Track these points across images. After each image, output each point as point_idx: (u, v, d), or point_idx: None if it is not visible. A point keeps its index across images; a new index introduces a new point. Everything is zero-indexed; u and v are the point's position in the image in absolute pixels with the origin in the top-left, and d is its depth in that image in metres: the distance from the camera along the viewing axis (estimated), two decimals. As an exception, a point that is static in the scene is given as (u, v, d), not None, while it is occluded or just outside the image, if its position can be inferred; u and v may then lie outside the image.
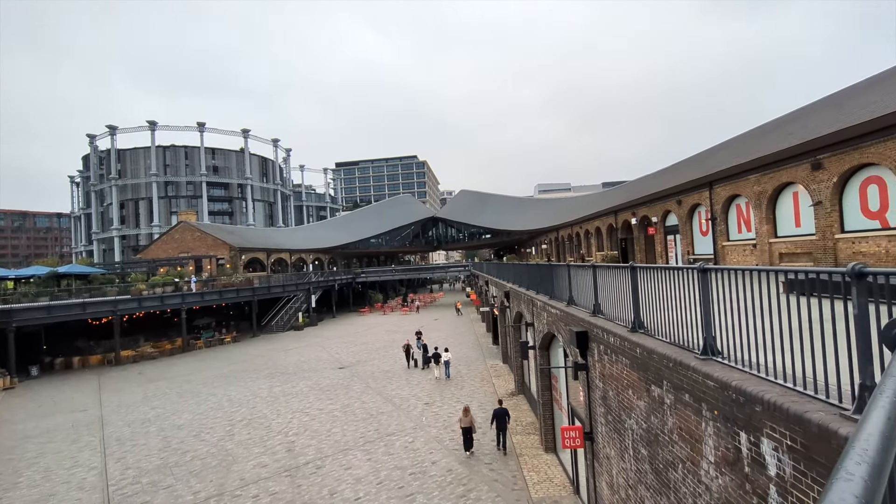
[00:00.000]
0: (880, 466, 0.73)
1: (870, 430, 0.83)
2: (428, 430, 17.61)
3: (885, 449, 0.78)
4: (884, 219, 11.30)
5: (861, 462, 0.72)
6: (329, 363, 31.35)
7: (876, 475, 0.70)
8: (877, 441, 0.79)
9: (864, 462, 0.72)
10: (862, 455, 0.74)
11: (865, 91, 13.73)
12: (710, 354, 4.99)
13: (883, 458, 0.76)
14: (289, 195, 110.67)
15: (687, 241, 20.35)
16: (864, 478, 0.67)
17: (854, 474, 0.68)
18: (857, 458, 0.73)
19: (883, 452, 0.76)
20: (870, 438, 0.79)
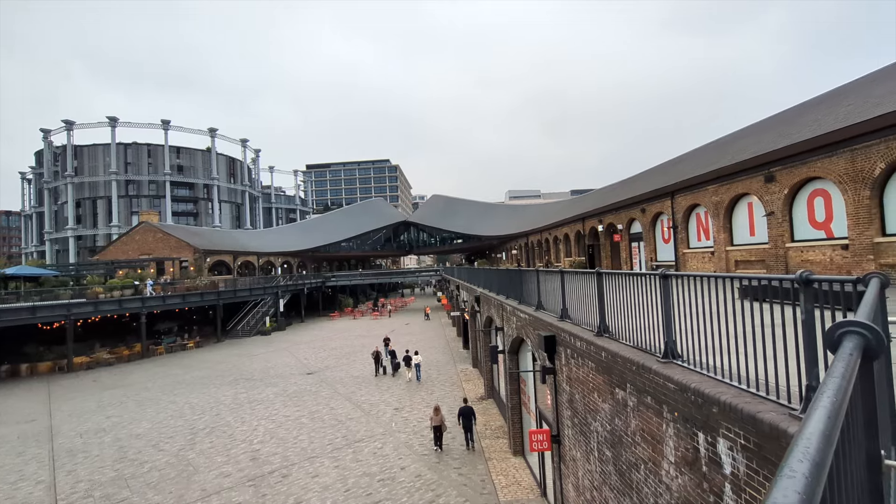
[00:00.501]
0: (821, 463, 0.77)
1: (811, 429, 0.87)
2: (397, 436, 17.45)
3: (826, 447, 0.83)
4: (829, 229, 12.06)
5: (803, 460, 0.76)
6: (297, 369, 30.63)
7: (817, 472, 0.74)
8: (818, 439, 0.83)
9: (806, 459, 0.76)
10: (804, 453, 0.78)
11: (814, 109, 14.65)
12: (671, 358, 5.16)
13: (823, 456, 0.80)
14: (257, 197, 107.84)
15: (650, 248, 21.09)
16: (806, 474, 0.71)
17: (797, 471, 0.71)
18: (799, 456, 0.76)
19: (823, 450, 0.81)
20: (811, 437, 0.84)
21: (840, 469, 1.34)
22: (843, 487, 1.31)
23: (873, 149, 10.76)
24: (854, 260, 11.36)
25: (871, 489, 1.57)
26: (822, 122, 12.44)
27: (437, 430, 15.85)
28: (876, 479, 1.61)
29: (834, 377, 1.19)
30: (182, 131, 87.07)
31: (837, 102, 13.32)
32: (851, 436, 1.45)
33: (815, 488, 0.69)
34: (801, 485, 0.68)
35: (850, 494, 1.37)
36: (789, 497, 0.64)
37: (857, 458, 1.52)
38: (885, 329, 3.31)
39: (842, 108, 12.45)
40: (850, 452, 1.48)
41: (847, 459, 1.44)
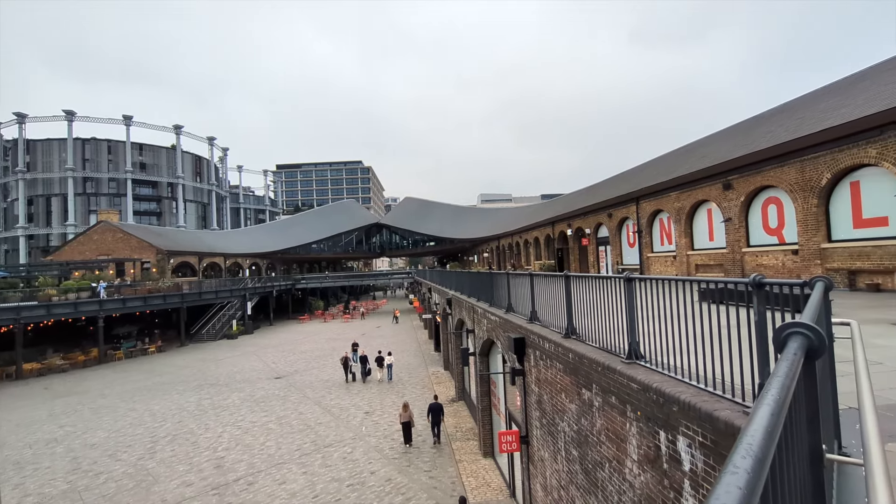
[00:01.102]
0: (763, 459, 0.80)
1: (756, 426, 0.92)
2: (368, 440, 17.24)
3: (768, 443, 0.87)
4: (781, 235, 12.74)
5: (746, 456, 0.79)
6: (264, 373, 29.83)
7: (758, 467, 0.77)
8: (761, 436, 0.87)
9: (749, 456, 0.79)
10: (747, 449, 0.81)
11: (767, 120, 15.47)
12: (635, 358, 5.31)
13: (765, 451, 0.84)
14: (225, 196, 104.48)
15: (616, 252, 21.70)
16: (748, 470, 0.74)
17: (739, 467, 0.74)
18: (743, 453, 0.80)
19: (765, 446, 0.85)
20: (755, 434, 0.88)
21: (784, 463, 1.41)
22: (788, 480, 1.39)
23: (820, 160, 11.45)
24: (803, 264, 12.05)
25: (813, 482, 1.66)
26: (775, 133, 13.15)
27: (407, 427, 16.35)
28: (818, 472, 1.70)
29: (778, 376, 1.25)
30: (145, 127, 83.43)
31: (789, 115, 14.11)
32: (795, 431, 1.53)
33: (756, 483, 0.73)
34: (742, 480, 0.71)
35: (793, 487, 1.44)
36: (731, 493, 0.67)
37: (801, 453, 1.60)
38: (828, 330, 3.53)
39: (792, 121, 13.20)
40: (793, 447, 1.56)
41: (791, 453, 1.52)
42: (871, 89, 12.03)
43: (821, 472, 1.73)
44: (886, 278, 10.71)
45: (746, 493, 0.68)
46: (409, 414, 16.47)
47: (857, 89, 12.71)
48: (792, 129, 12.48)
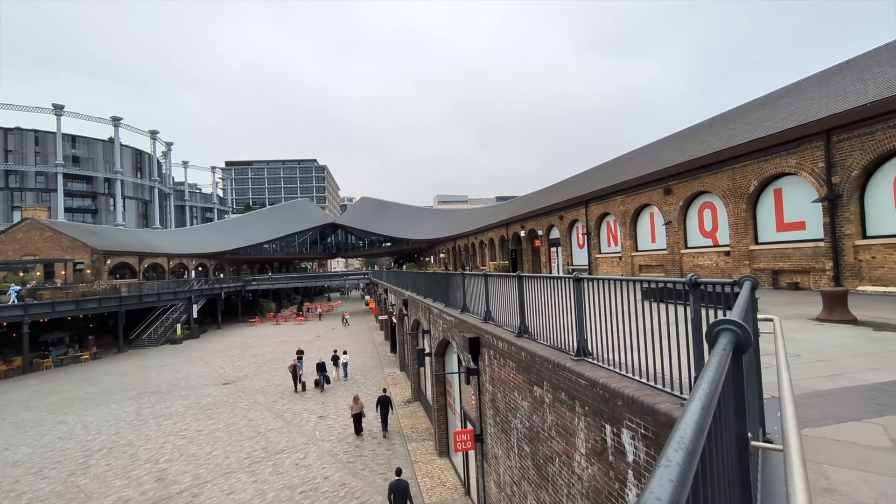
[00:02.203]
0: (693, 451, 0.85)
1: (687, 419, 0.97)
2: (321, 445, 16.81)
3: (698, 435, 0.92)
4: (715, 237, 13.69)
5: (679, 449, 0.83)
6: (211, 379, 28.33)
7: (689, 459, 0.82)
8: (692, 429, 0.92)
9: (681, 449, 0.83)
10: (679, 442, 0.85)
11: (704, 130, 16.58)
12: (583, 356, 5.51)
13: (696, 444, 0.88)
14: (168, 193, 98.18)
15: (567, 253, 22.47)
16: (680, 463, 0.78)
17: (672, 460, 0.78)
18: (675, 446, 0.84)
19: (696, 439, 0.89)
20: (687, 427, 0.92)
21: (714, 451, 1.50)
22: (717, 467, 1.48)
23: (748, 168, 12.41)
24: (734, 264, 13.01)
25: (740, 468, 1.79)
26: (710, 142, 14.13)
27: (357, 418, 17.27)
28: (744, 459, 1.83)
29: (709, 371, 1.33)
30: (79, 118, 76.76)
31: (722, 126, 15.20)
32: (724, 421, 1.64)
33: (687, 475, 0.76)
34: (674, 473, 0.75)
35: (722, 473, 1.54)
36: (664, 486, 0.70)
37: (729, 441, 1.71)
38: (754, 325, 3.82)
39: (725, 132, 14.24)
40: (722, 436, 1.66)
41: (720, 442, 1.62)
42: (793, 104, 13.19)
43: (747, 459, 1.86)
44: (804, 277, 11.77)
45: (678, 485, 0.72)
46: (359, 406, 17.37)
47: (780, 104, 13.89)
48: (724, 139, 13.46)
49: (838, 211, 10.86)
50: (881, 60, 12.45)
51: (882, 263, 10.17)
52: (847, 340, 6.52)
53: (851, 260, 10.68)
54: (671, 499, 0.66)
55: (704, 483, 1.08)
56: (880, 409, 4.03)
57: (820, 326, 7.63)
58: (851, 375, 4.95)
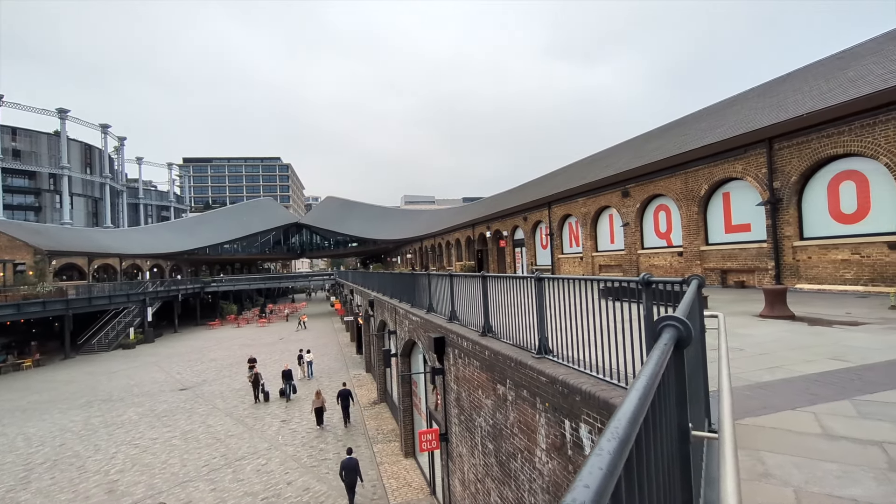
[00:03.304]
0: (625, 441, 0.91)
1: (624, 410, 1.03)
2: (284, 449, 16.40)
3: (632, 426, 0.98)
4: (669, 239, 14.34)
5: (612, 439, 0.88)
6: (167, 385, 27.08)
7: (621, 448, 0.87)
8: (626, 420, 0.98)
9: (615, 438, 0.89)
10: (614, 433, 0.91)
11: (660, 135, 17.32)
12: (544, 353, 5.65)
13: (628, 434, 0.94)
14: (121, 191, 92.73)
15: (531, 254, 22.93)
16: (611, 452, 0.83)
17: (604, 449, 0.83)
18: (609, 436, 0.89)
19: (629, 429, 0.95)
20: (622, 418, 0.98)
21: (657, 440, 1.60)
22: (660, 454, 1.57)
23: (700, 172, 13.08)
24: (686, 264, 13.67)
25: (681, 455, 1.90)
26: (664, 147, 14.78)
27: (319, 412, 18.13)
28: (685, 447, 1.95)
29: (648, 365, 1.40)
30: (20, 109, 71.10)
31: (677, 132, 15.93)
32: (665, 412, 1.74)
33: (616, 463, 0.81)
34: (605, 461, 0.80)
35: (665, 460, 1.64)
36: (594, 473, 0.75)
37: (671, 430, 1.81)
38: (700, 322, 4.04)
39: (679, 137, 14.93)
40: (664, 426, 1.76)
41: (663, 431, 1.72)
42: (741, 113, 14.00)
43: (687, 447, 1.98)
44: (750, 276, 12.52)
45: (607, 472, 0.76)
46: (321, 400, 18.26)
47: (730, 112, 14.71)
48: (678, 145, 14.13)
49: (779, 214, 11.63)
50: (817, 74, 13.42)
51: (817, 263, 10.97)
52: (785, 335, 6.99)
53: (790, 260, 11.47)
54: (599, 486, 0.70)
55: (648, 468, 1.15)
56: (812, 398, 4.34)
57: (762, 322, 8.14)
58: (788, 367, 5.31)
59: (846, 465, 3.07)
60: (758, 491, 2.91)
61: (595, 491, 0.68)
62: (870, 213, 10.28)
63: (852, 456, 3.19)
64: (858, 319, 7.72)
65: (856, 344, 6.11)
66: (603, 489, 0.70)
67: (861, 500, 2.66)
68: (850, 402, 4.16)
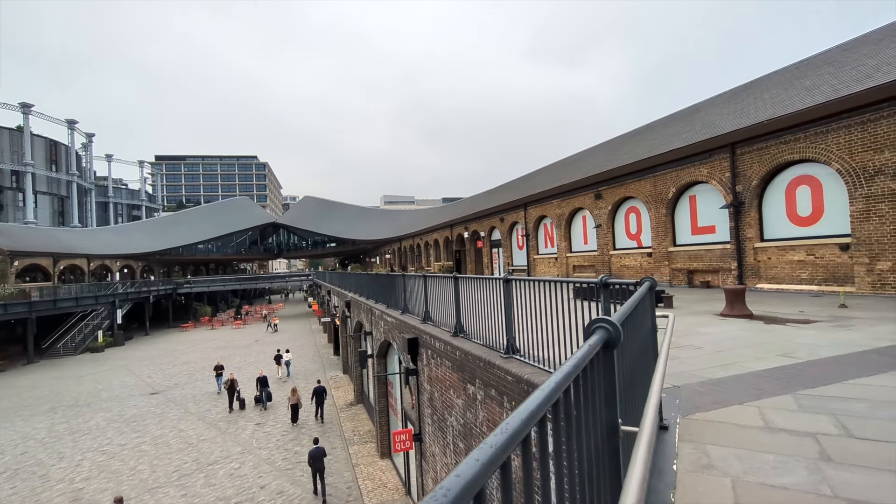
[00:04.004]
0: (515, 435, 0.96)
1: (524, 406, 1.10)
2: (258, 453, 16.19)
3: (526, 423, 1.03)
4: (639, 240, 14.73)
5: (501, 433, 0.94)
6: (137, 389, 26.35)
7: (509, 442, 0.92)
8: (520, 417, 1.01)
9: (504, 433, 0.95)
10: (504, 428, 0.96)
11: (631, 139, 17.76)
12: (511, 353, 5.78)
13: (519, 429, 1.00)
14: (89, 189, 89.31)
15: (507, 254, 23.19)
16: (494, 445, 0.87)
17: (488, 443, 0.87)
18: (499, 430, 0.95)
19: (522, 425, 1.00)
20: (517, 416, 1.03)
21: (588, 434, 1.71)
22: (591, 448, 1.68)
23: (668, 175, 13.49)
24: (655, 265, 14.07)
25: (611, 449, 2.02)
26: (635, 151, 15.18)
27: (294, 408, 18.63)
28: (614, 441, 2.07)
29: (568, 364, 1.49)
30: None
31: (646, 136, 16.38)
32: (595, 408, 1.85)
33: (497, 456, 0.84)
34: (485, 454, 0.85)
35: (595, 453, 1.75)
36: (469, 464, 0.81)
37: (601, 425, 1.92)
38: (652, 321, 4.22)
39: (649, 141, 15.36)
40: (595, 421, 1.88)
41: (593, 426, 1.83)
42: (707, 118, 14.49)
43: (617, 441, 2.10)
44: (714, 276, 12.97)
45: (484, 464, 0.79)
46: (296, 397, 18.82)
47: (696, 117, 15.20)
48: (648, 149, 14.53)
49: (741, 217, 12.10)
50: (777, 83, 14.01)
51: (776, 264, 11.46)
52: (742, 333, 7.30)
53: (752, 261, 11.95)
54: (472, 476, 0.73)
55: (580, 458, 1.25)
56: (759, 393, 4.57)
57: (722, 321, 8.48)
58: (741, 364, 5.57)
59: (782, 456, 3.24)
60: (699, 482, 3.06)
61: (467, 479, 0.72)
62: (823, 217, 10.81)
63: (788, 447, 3.38)
64: (810, 318, 8.12)
65: (804, 341, 6.43)
66: (476, 479, 0.74)
67: (791, 487, 2.83)
68: (792, 397, 4.39)
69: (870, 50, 11.85)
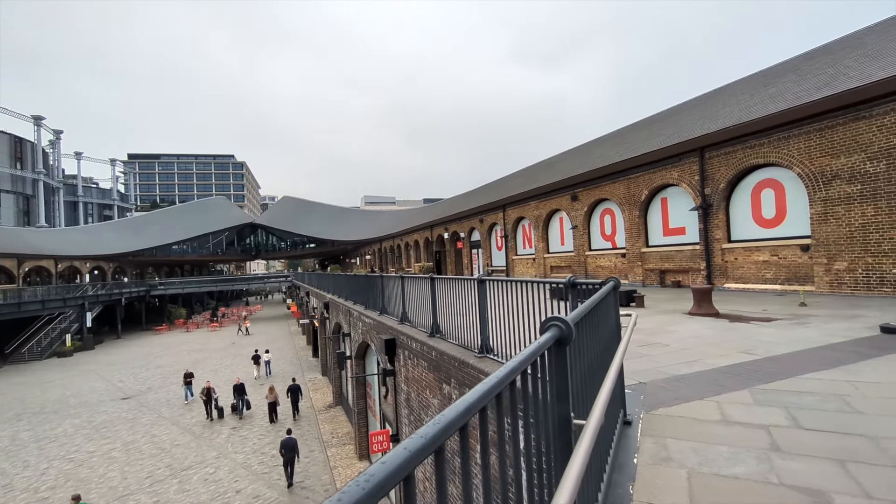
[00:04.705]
0: (447, 427, 1.00)
1: (464, 398, 1.15)
2: (234, 457, 15.91)
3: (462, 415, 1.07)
4: (614, 241, 15.06)
5: (435, 424, 0.99)
6: (108, 394, 25.56)
7: (441, 433, 0.96)
8: (456, 410, 1.05)
9: (439, 424, 1.00)
10: (439, 419, 1.01)
11: (605, 142, 18.14)
12: (486, 352, 5.86)
13: (459, 419, 1.06)
14: (57, 188, 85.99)
15: (487, 255, 23.38)
16: (425, 436, 0.89)
17: (419, 433, 0.92)
18: (435, 421, 0.99)
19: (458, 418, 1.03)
20: (453, 409, 1.07)
21: (538, 427, 1.78)
22: (544, 440, 1.75)
23: (641, 178, 13.83)
24: (629, 265, 14.41)
25: (563, 442, 2.10)
26: (609, 155, 15.53)
27: (272, 406, 19.08)
28: (566, 434, 2.16)
29: (515, 359, 1.55)
30: None
31: (620, 139, 16.75)
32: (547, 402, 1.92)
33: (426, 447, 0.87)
34: (415, 443, 0.87)
35: (548, 445, 1.83)
36: (398, 452, 0.83)
37: (554, 419, 2.00)
38: (616, 319, 4.35)
39: (623, 145, 15.72)
40: (548, 415, 1.95)
41: (546, 420, 1.91)
42: (678, 123, 14.91)
43: (569, 434, 2.19)
44: (685, 276, 13.36)
45: (412, 454, 0.82)
46: (274, 395, 19.29)
47: (668, 122, 15.63)
48: (621, 152, 14.89)
49: (710, 218, 12.51)
50: (744, 89, 14.53)
51: (742, 264, 11.89)
52: (707, 331, 7.56)
53: (720, 261, 12.36)
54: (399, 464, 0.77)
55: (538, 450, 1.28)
56: (719, 388, 4.76)
57: (690, 319, 8.75)
58: (704, 361, 5.77)
59: (735, 448, 3.40)
60: (657, 474, 3.18)
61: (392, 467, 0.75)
62: (786, 219, 11.26)
63: (742, 439, 3.54)
64: (772, 316, 8.46)
65: (765, 338, 6.71)
66: (402, 467, 0.77)
67: (741, 477, 2.97)
68: (749, 391, 4.58)
69: (830, 59, 12.41)
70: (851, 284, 9.77)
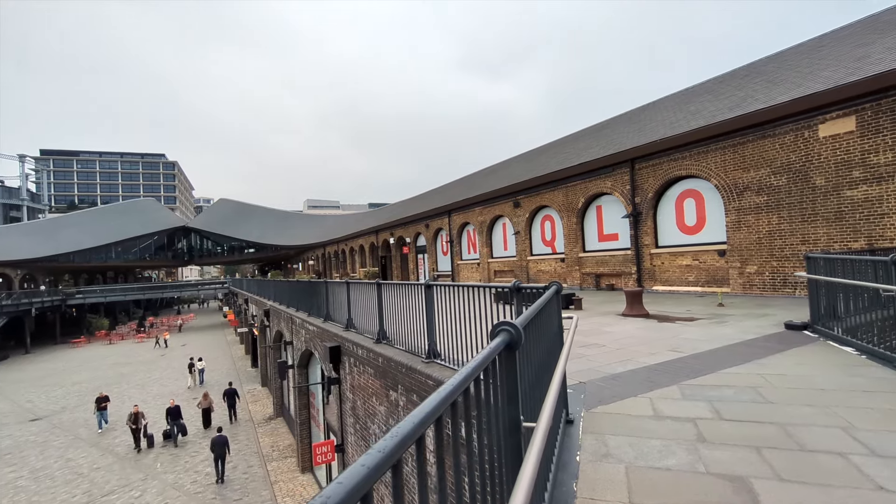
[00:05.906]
0: (405, 440, 1.00)
1: (419, 409, 1.15)
2: (163, 478, 14.69)
3: (418, 427, 1.07)
4: (554, 246, 15.71)
5: (393, 436, 0.98)
6: (14, 416, 22.70)
7: (399, 446, 0.96)
8: (409, 424, 1.02)
9: (396, 436, 0.98)
10: (395, 432, 0.99)
11: (545, 151, 18.90)
12: (433, 358, 5.87)
13: (415, 431, 1.06)
14: (-55, 185, 75.40)
15: (433, 260, 23.48)
16: (381, 450, 0.88)
17: (377, 448, 0.91)
18: (391, 434, 0.99)
19: (413, 430, 1.03)
20: (408, 421, 1.07)
21: (489, 431, 1.81)
22: (495, 442, 1.78)
23: (577, 187, 14.57)
24: (568, 270, 15.08)
25: (513, 444, 2.16)
26: (549, 163, 16.21)
27: (207, 412, 18.58)
28: (516, 437, 2.22)
29: (468, 366, 1.57)
30: None
31: (560, 149, 17.55)
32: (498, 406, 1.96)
33: (385, 461, 0.87)
34: (373, 459, 0.82)
35: (499, 447, 1.86)
36: (355, 469, 0.81)
37: (503, 422, 2.04)
38: (559, 321, 4.53)
39: (562, 154, 16.48)
40: (499, 417, 1.99)
41: (497, 422, 1.94)
42: (611, 135, 15.86)
43: (519, 437, 2.26)
44: (618, 279, 14.20)
45: (371, 471, 0.81)
46: (208, 401, 18.81)
47: (602, 134, 16.59)
48: (560, 161, 15.61)
49: (640, 225, 13.42)
50: (669, 106, 15.78)
51: (668, 268, 12.85)
52: (639, 331, 8.08)
53: (649, 265, 13.28)
54: (356, 483, 0.74)
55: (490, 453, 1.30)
56: (651, 385, 5.08)
57: (623, 320, 9.31)
58: (637, 360, 6.14)
59: (667, 441, 3.63)
60: (598, 469, 3.33)
61: (349, 487, 0.72)
62: (706, 226, 12.34)
63: (672, 432, 3.79)
64: (695, 316, 9.20)
65: (689, 337, 7.27)
66: (359, 486, 0.74)
67: (673, 468, 3.19)
68: (678, 387, 4.93)
69: (738, 84, 13.81)
70: (760, 286, 10.87)
